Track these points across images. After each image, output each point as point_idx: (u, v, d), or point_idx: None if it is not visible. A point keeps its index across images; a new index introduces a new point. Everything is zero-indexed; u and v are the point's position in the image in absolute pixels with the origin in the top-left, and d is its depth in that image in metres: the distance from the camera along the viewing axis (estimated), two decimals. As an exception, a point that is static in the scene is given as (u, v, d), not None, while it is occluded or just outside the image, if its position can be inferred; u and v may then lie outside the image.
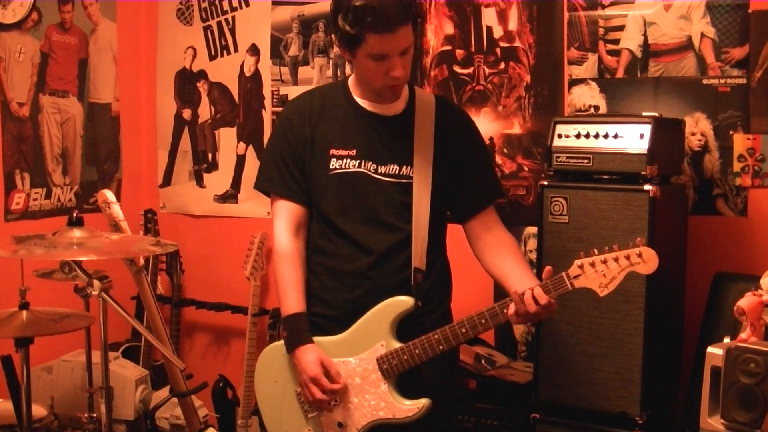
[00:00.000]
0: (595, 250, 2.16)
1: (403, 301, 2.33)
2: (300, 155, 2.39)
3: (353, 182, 2.36)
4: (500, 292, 3.42)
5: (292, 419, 2.40)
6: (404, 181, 2.36)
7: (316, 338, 2.36)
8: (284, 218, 2.42)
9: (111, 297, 2.42)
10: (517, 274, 2.33)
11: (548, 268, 2.23)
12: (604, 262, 2.14)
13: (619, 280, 2.15)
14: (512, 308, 2.21)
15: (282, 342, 2.42)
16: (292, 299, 2.37)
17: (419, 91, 2.47)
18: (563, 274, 2.19)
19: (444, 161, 2.39)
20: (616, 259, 2.13)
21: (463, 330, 2.26)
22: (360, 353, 2.33)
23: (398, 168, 2.36)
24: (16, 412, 2.66)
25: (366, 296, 2.35)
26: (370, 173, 2.36)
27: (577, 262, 2.17)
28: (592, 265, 2.15)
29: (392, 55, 2.23)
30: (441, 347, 2.27)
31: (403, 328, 2.34)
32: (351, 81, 2.43)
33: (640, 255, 2.12)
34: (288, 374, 2.40)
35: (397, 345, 2.31)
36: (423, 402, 2.30)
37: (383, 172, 2.36)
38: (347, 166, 2.36)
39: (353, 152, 2.36)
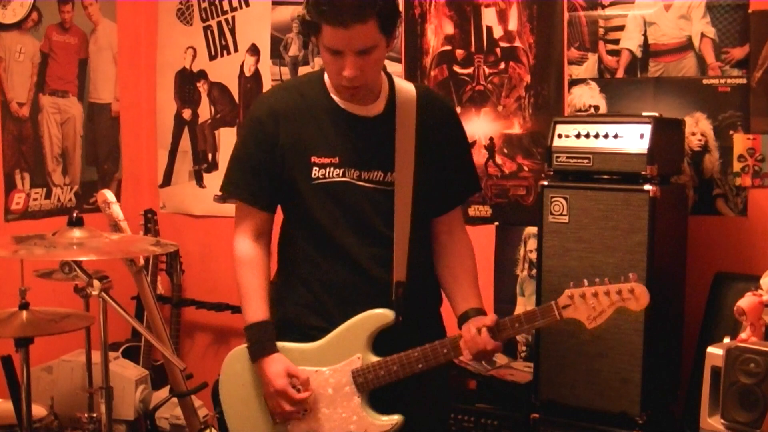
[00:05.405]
0: (586, 281, 2.11)
1: (384, 315, 2.22)
2: (271, 160, 2.23)
3: (340, 193, 2.21)
4: (501, 299, 3.45)
5: (259, 426, 2.29)
6: (389, 188, 2.22)
7: (286, 344, 2.25)
8: (247, 224, 2.30)
9: (111, 297, 2.41)
10: (465, 296, 2.28)
11: (493, 317, 2.18)
12: (595, 295, 2.09)
13: (608, 315, 2.10)
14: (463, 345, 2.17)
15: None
16: (255, 307, 2.25)
17: (399, 86, 2.28)
18: (552, 303, 2.12)
19: (426, 162, 2.25)
20: (607, 293, 2.09)
21: (445, 350, 2.18)
22: (334, 364, 2.23)
23: (383, 174, 2.22)
24: (16, 412, 2.65)
25: (358, 309, 2.23)
26: (354, 181, 2.21)
27: (568, 292, 2.11)
28: (582, 296, 2.09)
29: (346, 52, 2.06)
30: (420, 366, 2.17)
31: (382, 342, 2.22)
32: (327, 75, 2.23)
33: (631, 291, 2.08)
34: (256, 380, 2.27)
35: (374, 359, 2.21)
36: (396, 418, 2.21)
37: (367, 178, 2.21)
38: (331, 175, 2.20)
39: (336, 160, 2.20)
